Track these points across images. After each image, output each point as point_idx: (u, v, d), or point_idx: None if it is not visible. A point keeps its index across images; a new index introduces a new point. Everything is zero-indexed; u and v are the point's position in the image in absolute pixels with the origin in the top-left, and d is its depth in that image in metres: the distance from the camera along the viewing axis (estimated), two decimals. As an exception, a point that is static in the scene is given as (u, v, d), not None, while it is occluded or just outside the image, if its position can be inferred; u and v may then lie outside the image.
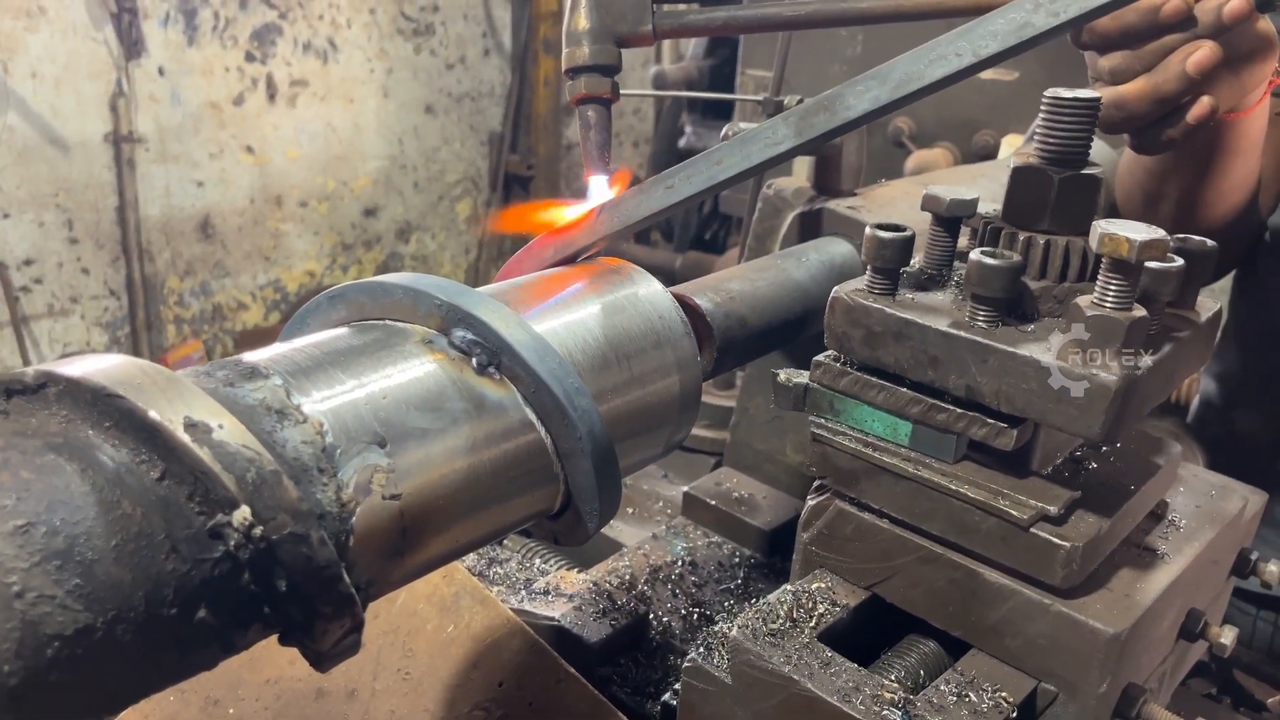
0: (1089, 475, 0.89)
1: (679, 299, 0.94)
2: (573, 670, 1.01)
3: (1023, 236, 0.86)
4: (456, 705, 1.04)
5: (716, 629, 0.91)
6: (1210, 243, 0.90)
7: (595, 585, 1.18)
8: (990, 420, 0.82)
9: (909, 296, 0.87)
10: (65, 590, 0.50)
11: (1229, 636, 0.96)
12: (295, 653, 0.62)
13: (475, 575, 1.25)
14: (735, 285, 1.04)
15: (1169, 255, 0.81)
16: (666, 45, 5.96)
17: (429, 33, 5.92)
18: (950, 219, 0.90)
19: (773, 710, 0.84)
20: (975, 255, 0.80)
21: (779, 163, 0.87)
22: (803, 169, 1.31)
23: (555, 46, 6.09)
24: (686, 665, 0.90)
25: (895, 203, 1.27)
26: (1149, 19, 0.99)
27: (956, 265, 0.92)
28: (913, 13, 0.97)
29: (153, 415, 0.55)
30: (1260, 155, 1.38)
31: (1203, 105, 1.02)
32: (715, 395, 1.78)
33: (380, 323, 0.75)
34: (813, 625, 0.88)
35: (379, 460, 0.64)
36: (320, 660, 0.63)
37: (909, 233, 0.85)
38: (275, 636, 0.61)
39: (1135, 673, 0.87)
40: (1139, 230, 0.74)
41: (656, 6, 1.02)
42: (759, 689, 0.84)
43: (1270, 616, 1.54)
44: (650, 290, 0.91)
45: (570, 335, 0.82)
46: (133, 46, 4.64)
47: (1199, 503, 1.00)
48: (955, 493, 0.84)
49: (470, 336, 0.73)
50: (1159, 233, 0.74)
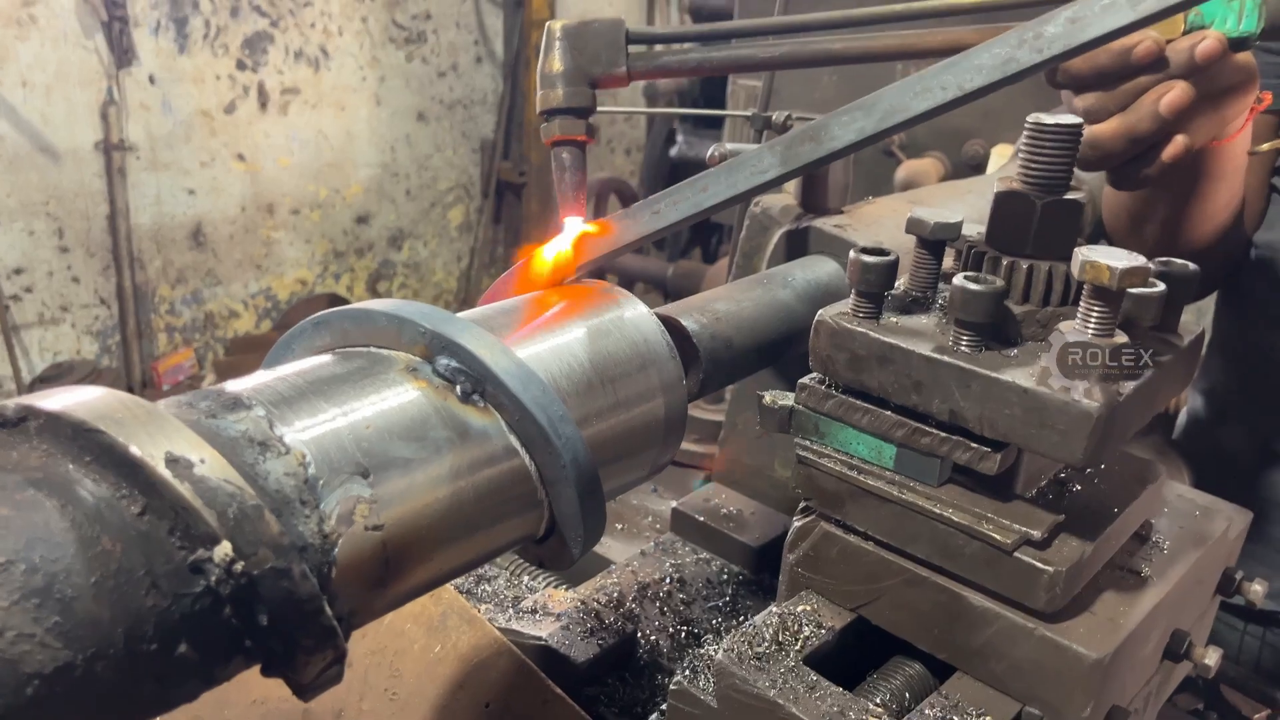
0: (1073, 498, 0.89)
1: (664, 321, 0.94)
2: (559, 691, 1.01)
3: (1006, 261, 0.87)
4: (443, 726, 1.04)
5: (703, 651, 0.91)
6: (1192, 266, 0.91)
7: (583, 604, 1.18)
8: (974, 444, 0.82)
9: (893, 320, 0.87)
10: (44, 628, 0.50)
11: (1213, 658, 0.96)
12: (282, 675, 0.62)
13: (463, 593, 1.24)
14: (721, 306, 1.04)
15: (1150, 280, 0.82)
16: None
17: (421, 40, 5.93)
18: (935, 242, 0.90)
19: (758, 734, 0.84)
20: (958, 280, 0.81)
21: (764, 191, 0.87)
22: (790, 185, 1.32)
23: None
24: (672, 688, 0.90)
25: (882, 221, 1.27)
26: (1121, 60, 0.99)
27: (941, 288, 0.92)
28: (883, 54, 0.97)
29: (133, 450, 0.55)
30: (1243, 177, 1.38)
31: (1176, 144, 1.02)
32: (705, 410, 1.78)
33: (364, 350, 0.75)
34: (798, 648, 0.88)
35: (362, 491, 0.64)
36: (303, 691, 0.62)
37: (893, 257, 0.85)
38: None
39: (1119, 695, 0.87)
40: (1120, 257, 0.74)
41: (630, 48, 1.02)
42: (744, 713, 0.84)
43: (1257, 631, 1.54)
44: (635, 313, 0.91)
45: (555, 360, 0.82)
46: (123, 55, 4.64)
47: (1183, 524, 1.00)
48: (939, 516, 0.84)
49: (454, 364, 0.73)
50: (1139, 260, 0.75)
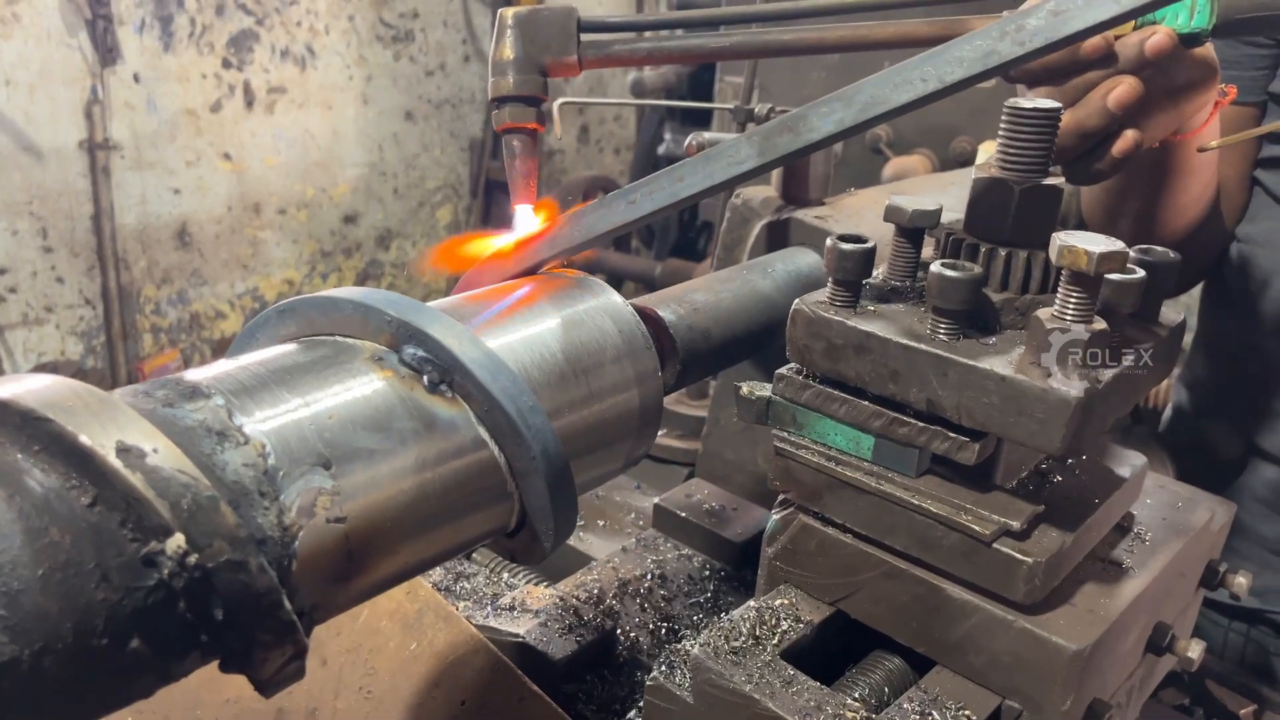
0: (1053, 489, 0.88)
1: (641, 312, 0.93)
2: (536, 689, 0.99)
3: (984, 248, 0.86)
4: (419, 724, 1.02)
5: (679, 646, 0.90)
6: (1173, 254, 0.90)
7: (562, 600, 1.17)
8: (952, 434, 0.81)
9: (871, 308, 0.86)
10: (-12, 622, 0.48)
11: (1196, 650, 0.95)
12: (254, 673, 0.61)
13: (441, 590, 1.23)
14: (699, 297, 1.03)
15: (1130, 267, 0.81)
16: (646, 52, 5.96)
17: (408, 39, 5.90)
18: (913, 230, 0.89)
19: (735, 730, 0.83)
20: (935, 267, 0.80)
21: (742, 182, 0.86)
22: (772, 177, 1.31)
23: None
24: (649, 684, 0.89)
25: (863, 212, 1.26)
26: (1070, 55, 0.98)
27: (920, 277, 0.91)
28: (834, 45, 0.96)
29: (83, 439, 0.53)
30: (1215, 170, 1.38)
31: (1126, 139, 1.01)
32: (688, 405, 1.77)
33: (329, 339, 0.73)
34: (775, 643, 0.86)
35: (323, 483, 0.62)
36: (263, 687, 0.61)
37: (870, 244, 0.84)
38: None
39: (1100, 689, 0.86)
40: (1098, 242, 0.73)
41: (583, 36, 1.02)
42: (721, 708, 0.83)
43: (1242, 627, 1.54)
44: (610, 303, 0.90)
45: (527, 350, 0.81)
46: (108, 53, 4.60)
47: (1165, 515, 0.99)
48: (918, 507, 0.83)
49: (421, 354, 0.71)
50: (1117, 245, 0.73)
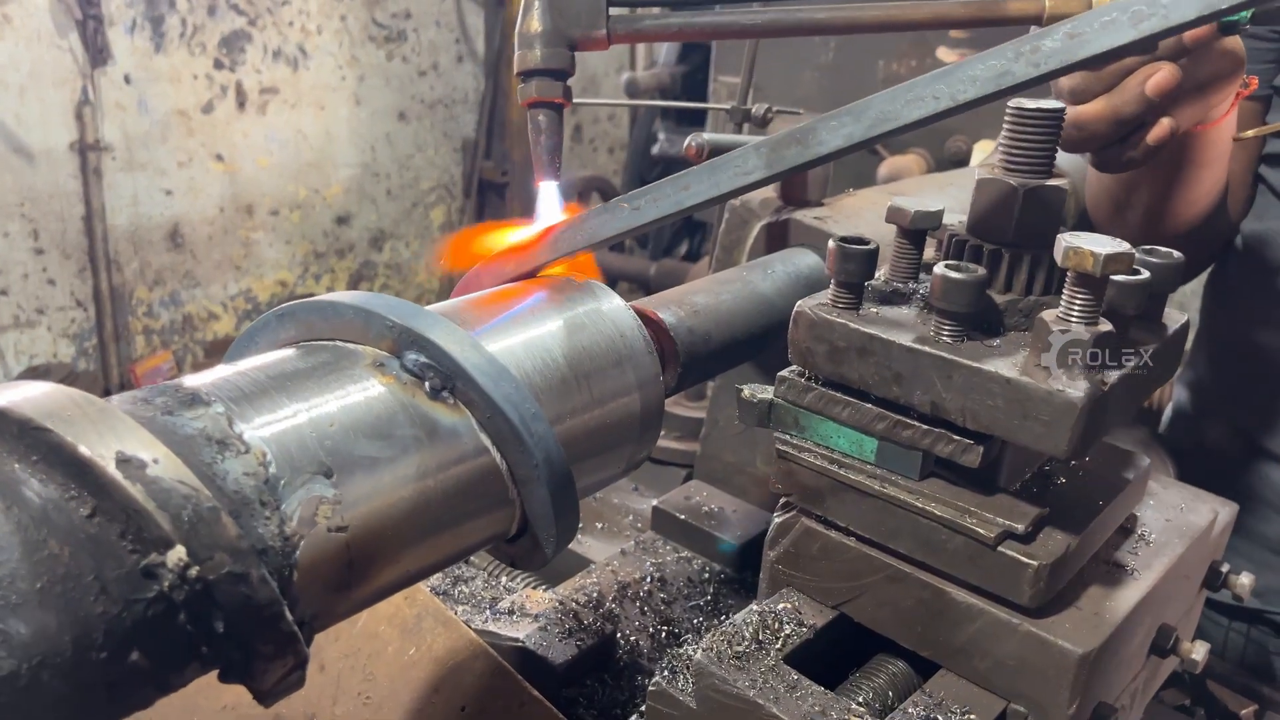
0: (1057, 491, 0.87)
1: (641, 314, 0.92)
2: (536, 694, 0.99)
3: (988, 249, 0.85)
4: (418, 731, 1.01)
5: (681, 651, 0.89)
6: (1177, 254, 0.89)
7: (561, 604, 1.16)
8: (956, 437, 0.80)
9: (873, 310, 0.86)
10: (-14, 636, 0.47)
11: (1200, 652, 0.95)
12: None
13: (440, 595, 1.22)
14: (699, 299, 1.02)
15: (1134, 268, 0.80)
16: (640, 51, 5.95)
17: (401, 39, 5.88)
18: (915, 231, 0.89)
19: (739, 735, 0.82)
20: (939, 269, 0.79)
21: (747, 192, 0.85)
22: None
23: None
24: (651, 689, 0.88)
25: (862, 213, 1.26)
26: None
27: (922, 278, 0.91)
28: (870, 24, 0.95)
29: (82, 450, 0.52)
30: (1226, 163, 1.37)
31: (1162, 127, 1.01)
32: (686, 407, 1.76)
33: (330, 344, 0.72)
34: (779, 647, 0.86)
35: (324, 491, 0.61)
36: (263, 697, 0.60)
37: (872, 245, 0.84)
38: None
39: (1105, 691, 0.85)
40: (1103, 243, 0.73)
41: (611, 10, 1.00)
42: (724, 714, 0.82)
43: (1243, 628, 1.53)
44: (611, 306, 0.89)
45: (528, 355, 0.80)
46: (98, 54, 4.57)
47: (1169, 516, 0.99)
48: (922, 510, 0.83)
49: (423, 359, 0.71)
50: (1123, 246, 0.73)
